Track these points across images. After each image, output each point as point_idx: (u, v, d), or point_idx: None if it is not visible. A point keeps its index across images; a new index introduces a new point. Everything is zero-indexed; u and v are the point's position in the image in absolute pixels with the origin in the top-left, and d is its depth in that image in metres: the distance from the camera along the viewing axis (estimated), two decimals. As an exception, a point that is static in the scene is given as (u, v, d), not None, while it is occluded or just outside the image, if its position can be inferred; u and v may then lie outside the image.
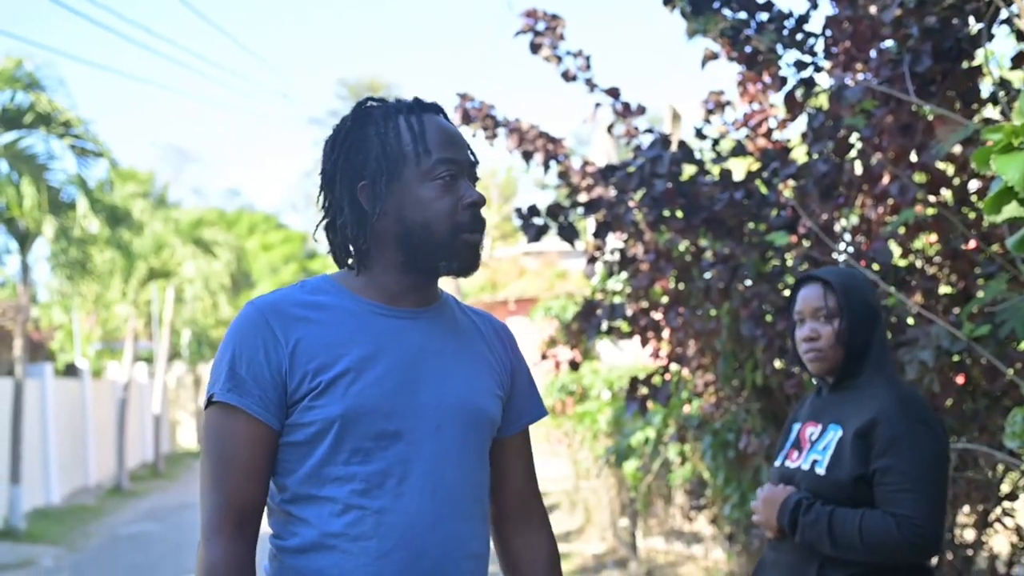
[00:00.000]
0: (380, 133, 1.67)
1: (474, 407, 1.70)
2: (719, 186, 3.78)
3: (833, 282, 2.43)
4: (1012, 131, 2.19)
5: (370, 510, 1.59)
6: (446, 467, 1.64)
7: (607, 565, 8.19)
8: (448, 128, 1.71)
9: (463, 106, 4.74)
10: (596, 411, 9.13)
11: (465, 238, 1.66)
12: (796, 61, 3.77)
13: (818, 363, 2.44)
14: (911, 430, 2.28)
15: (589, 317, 4.52)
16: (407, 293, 1.70)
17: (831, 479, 2.33)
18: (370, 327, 1.65)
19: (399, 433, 1.62)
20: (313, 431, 1.60)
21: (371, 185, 1.66)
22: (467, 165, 1.70)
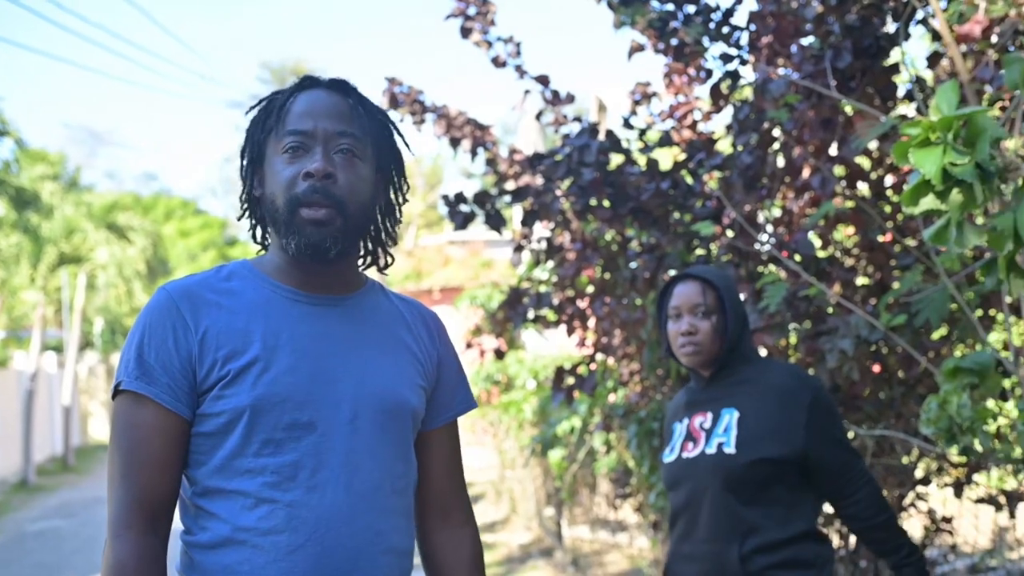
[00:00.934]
0: (261, 118, 1.65)
1: (393, 398, 1.64)
2: (646, 176, 3.82)
3: (713, 280, 2.57)
4: (930, 126, 2.26)
5: (282, 503, 1.53)
6: (362, 459, 1.58)
7: (532, 555, 8.24)
8: (319, 100, 1.61)
9: (391, 91, 4.70)
10: (521, 400, 9.16)
11: (304, 213, 1.56)
12: (722, 54, 3.82)
13: (696, 356, 2.55)
14: (817, 393, 2.50)
15: (515, 305, 4.53)
16: (316, 281, 1.63)
17: (743, 456, 2.44)
18: (283, 313, 1.60)
19: (312, 424, 1.56)
20: (223, 421, 1.54)
21: (248, 166, 1.66)
22: (325, 135, 1.58)
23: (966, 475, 3.43)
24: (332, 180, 1.57)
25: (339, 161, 1.59)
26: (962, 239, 2.31)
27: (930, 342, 3.20)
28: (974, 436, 2.54)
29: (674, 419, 2.69)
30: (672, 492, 2.60)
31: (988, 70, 2.94)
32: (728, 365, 2.57)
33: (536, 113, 4.72)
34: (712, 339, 2.54)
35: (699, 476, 2.50)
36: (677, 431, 2.64)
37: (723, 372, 2.58)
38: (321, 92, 1.64)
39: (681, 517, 2.56)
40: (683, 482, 2.55)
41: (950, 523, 3.70)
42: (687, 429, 2.59)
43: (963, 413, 2.54)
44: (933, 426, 2.59)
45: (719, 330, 2.54)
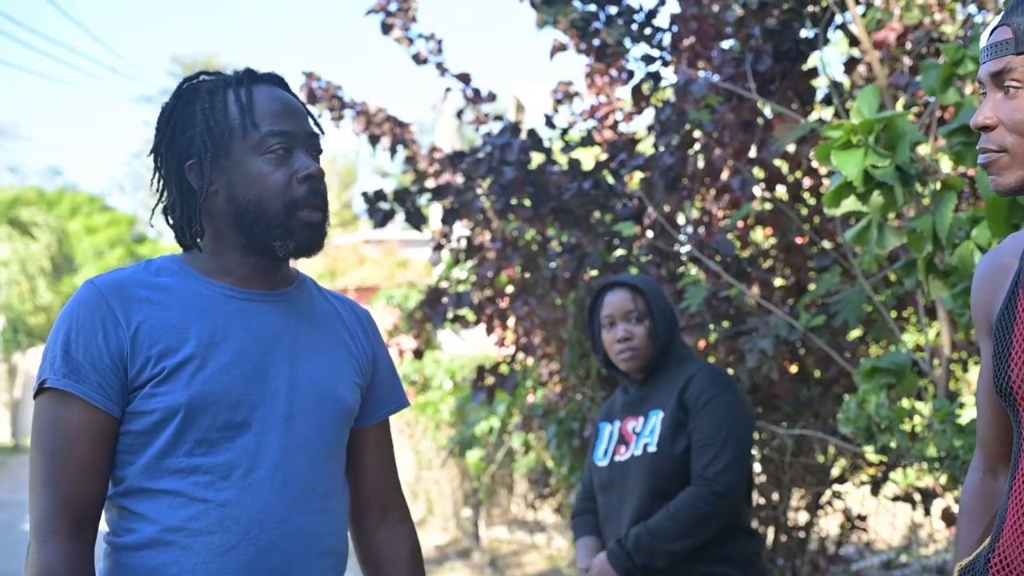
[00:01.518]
0: (205, 109, 1.58)
1: (330, 396, 1.61)
2: (567, 176, 3.81)
3: (640, 287, 2.63)
4: (851, 129, 2.29)
5: (214, 503, 1.49)
6: (297, 459, 1.55)
7: (450, 556, 8.19)
8: (283, 98, 1.61)
9: (309, 85, 4.62)
10: (439, 401, 9.11)
11: (302, 215, 1.56)
12: (644, 55, 3.83)
13: (634, 361, 2.61)
14: (717, 394, 2.52)
15: (434, 305, 4.48)
16: (256, 275, 1.60)
17: (665, 454, 2.50)
18: (218, 310, 1.56)
19: (247, 423, 1.52)
20: (154, 420, 1.50)
21: (198, 164, 1.57)
22: (304, 137, 1.59)
23: (883, 473, 3.49)
24: (321, 181, 1.59)
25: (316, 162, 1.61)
26: (883, 240, 2.35)
27: (847, 343, 3.26)
28: (891, 435, 2.59)
29: (604, 419, 2.73)
30: (604, 495, 2.64)
31: (903, 76, 3.00)
32: (660, 367, 2.62)
33: (457, 111, 4.68)
34: (647, 343, 2.59)
35: (629, 478, 2.55)
36: (606, 432, 2.68)
37: (655, 374, 2.63)
38: (279, 90, 1.62)
39: (611, 518, 2.59)
40: (615, 484, 2.59)
41: (865, 521, 3.78)
42: (619, 432, 2.63)
43: (881, 412, 2.58)
44: (852, 425, 2.63)
45: (652, 334, 2.60)
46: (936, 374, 2.76)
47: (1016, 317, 1.37)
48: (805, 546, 3.68)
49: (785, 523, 3.68)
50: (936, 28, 3.08)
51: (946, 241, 2.22)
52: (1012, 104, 1.33)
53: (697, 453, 2.48)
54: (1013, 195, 1.39)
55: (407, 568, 1.76)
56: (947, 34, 3.03)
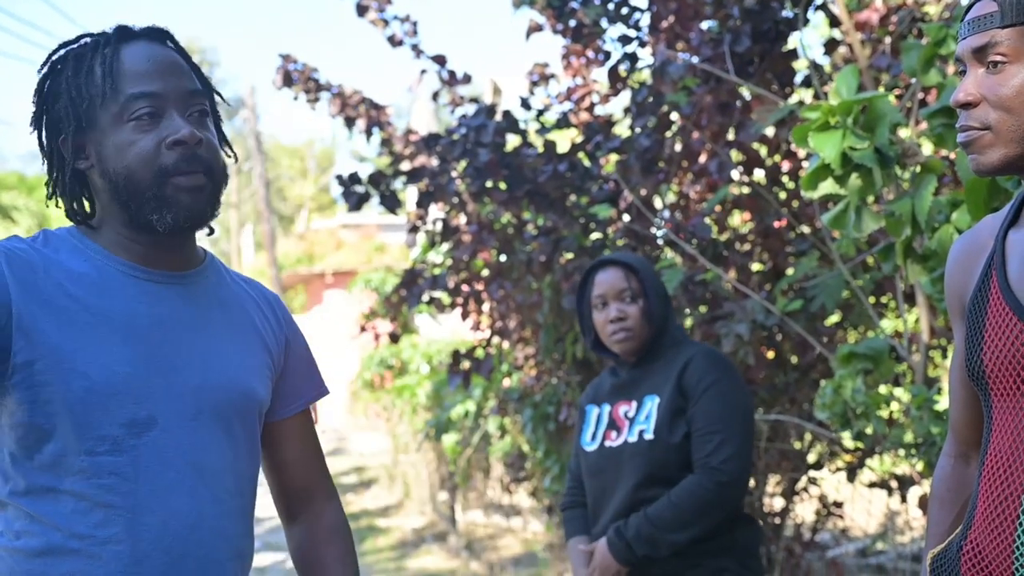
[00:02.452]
0: (69, 77, 1.42)
1: (240, 389, 1.49)
2: (543, 158, 3.77)
3: (634, 265, 2.51)
4: (829, 110, 2.25)
5: (121, 508, 1.36)
6: (207, 458, 1.44)
7: (426, 539, 8.17)
8: (154, 55, 1.43)
9: (285, 68, 4.57)
10: (415, 385, 9.07)
11: (177, 182, 1.40)
12: (620, 36, 3.78)
13: (628, 343, 2.47)
14: (719, 379, 2.41)
15: (411, 287, 4.44)
16: (154, 253, 1.46)
17: (661, 442, 2.39)
18: (121, 292, 1.42)
19: (152, 419, 1.39)
20: (50, 412, 1.35)
21: (67, 139, 1.43)
22: (178, 96, 1.42)
23: (859, 460, 3.47)
24: (199, 145, 1.42)
25: (196, 123, 1.44)
26: (860, 224, 2.32)
27: (824, 328, 3.23)
28: (868, 421, 2.56)
29: (591, 402, 2.61)
30: (592, 480, 2.52)
31: (885, 57, 2.96)
32: (654, 349, 2.50)
33: (432, 93, 4.63)
34: (641, 324, 2.47)
35: (622, 464, 2.44)
36: (593, 415, 2.57)
37: (649, 356, 2.50)
38: (148, 45, 1.45)
39: (601, 505, 2.49)
40: (606, 470, 2.48)
41: (841, 508, 3.76)
42: (610, 416, 2.52)
43: (857, 398, 2.55)
44: (828, 411, 2.60)
45: (646, 314, 2.47)
46: (914, 360, 2.74)
47: (989, 299, 1.34)
48: (780, 532, 3.66)
49: (760, 509, 3.66)
50: (919, 8, 3.04)
51: (925, 225, 2.18)
52: (996, 79, 1.29)
53: (699, 440, 2.36)
54: (994, 175, 1.35)
55: (338, 552, 1.64)
56: (930, 14, 2.99)
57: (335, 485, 1.72)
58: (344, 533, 1.67)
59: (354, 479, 12.35)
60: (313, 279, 20.41)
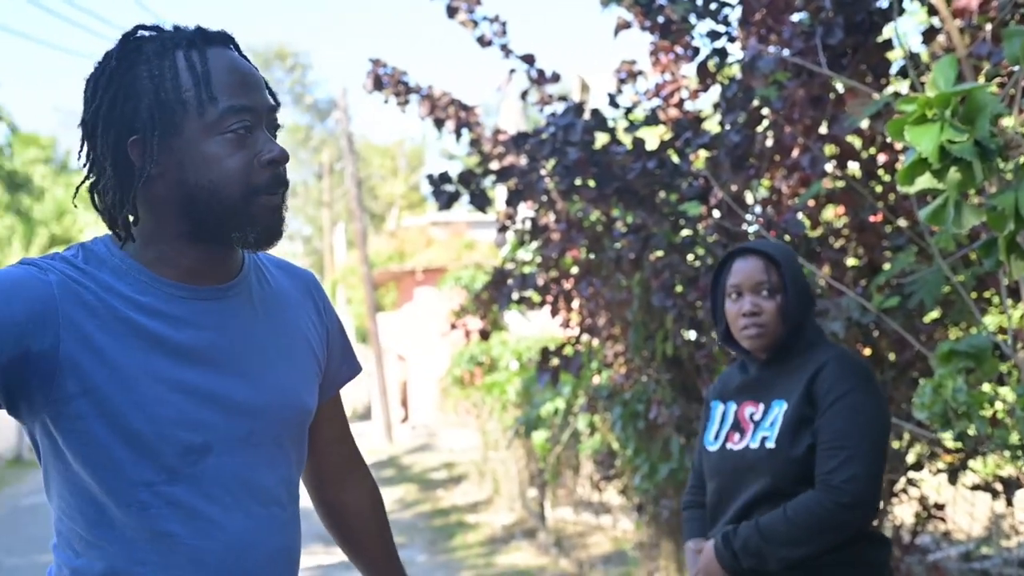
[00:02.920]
0: (154, 75, 1.34)
1: (292, 404, 1.47)
2: (632, 155, 3.74)
3: (776, 256, 2.34)
4: (926, 102, 2.19)
5: (182, 536, 1.35)
6: (261, 476, 1.42)
7: (515, 536, 8.20)
8: (240, 66, 1.38)
9: (375, 72, 4.64)
10: (505, 382, 9.12)
11: (264, 201, 1.37)
12: (709, 31, 3.74)
13: (760, 339, 2.33)
14: (852, 389, 2.24)
15: (500, 286, 4.46)
16: (203, 267, 1.40)
17: (782, 453, 2.25)
18: (168, 315, 1.37)
19: (208, 445, 1.36)
20: (105, 445, 1.32)
21: (143, 140, 1.34)
22: (264, 112, 1.39)
23: (961, 461, 3.38)
24: (285, 165, 1.40)
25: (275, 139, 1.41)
26: (960, 219, 2.25)
27: (923, 325, 3.14)
28: (970, 421, 2.49)
29: (717, 397, 2.48)
30: (712, 482, 2.42)
31: (985, 45, 2.87)
32: (788, 349, 2.34)
33: (521, 93, 4.65)
34: (776, 321, 2.31)
35: (741, 471, 2.32)
36: (718, 413, 2.44)
37: (783, 356, 2.35)
38: (229, 52, 1.39)
39: (719, 510, 2.39)
40: (725, 474, 2.36)
41: (943, 510, 3.66)
42: (735, 417, 2.39)
43: (958, 398, 2.48)
44: (927, 411, 2.53)
45: (783, 311, 2.32)
46: (1020, 357, 2.65)
47: None
48: (878, 534, 3.58)
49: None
50: (1020, -6, 2.94)
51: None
52: None
53: (824, 455, 2.20)
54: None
55: (376, 523, 1.71)
56: (1032, 0, 2.89)
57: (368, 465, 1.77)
58: (382, 512, 1.73)
59: (444, 475, 12.47)
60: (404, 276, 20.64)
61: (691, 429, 4.26)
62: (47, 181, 21.05)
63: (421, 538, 8.51)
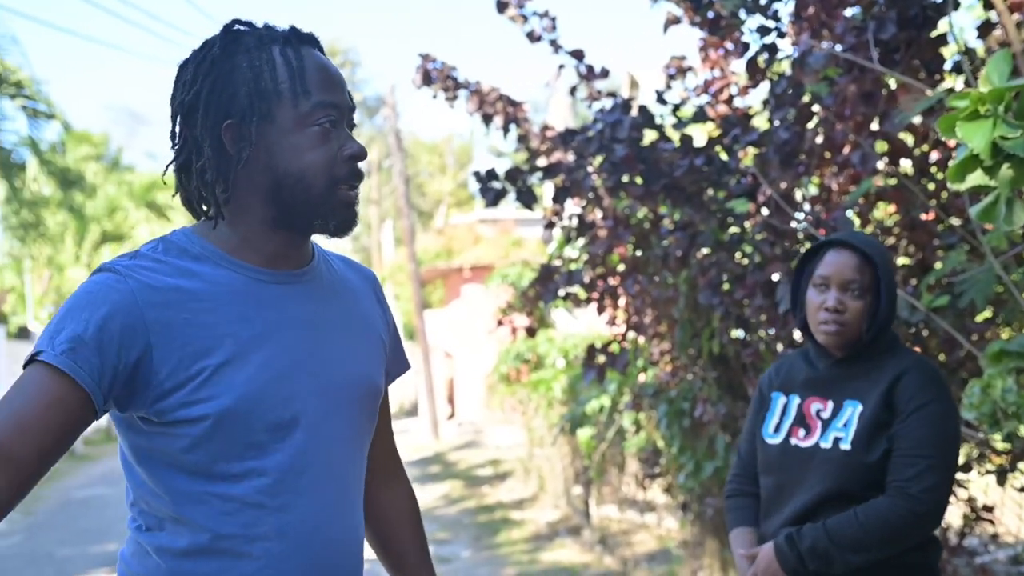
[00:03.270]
0: (254, 65, 1.43)
1: (366, 383, 1.55)
2: (679, 152, 3.74)
3: (872, 255, 2.29)
4: (978, 98, 2.16)
5: (270, 508, 1.42)
6: (340, 453, 1.50)
7: (560, 533, 8.21)
8: (328, 66, 1.49)
9: (424, 67, 4.66)
10: (551, 379, 9.13)
11: (343, 194, 1.46)
12: (759, 27, 3.72)
13: (837, 336, 2.29)
14: (933, 399, 2.23)
15: (546, 282, 4.47)
16: (283, 252, 1.49)
17: (857, 456, 2.23)
18: (253, 298, 1.44)
19: (295, 420, 1.44)
20: (199, 428, 1.38)
21: (238, 125, 1.43)
22: (347, 110, 1.49)
23: (1010, 462, 3.33)
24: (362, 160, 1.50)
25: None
26: (1011, 217, 2.22)
27: (974, 324, 3.10)
28: (1019, 422, 2.45)
29: (779, 389, 2.43)
30: (769, 476, 2.39)
31: (1041, 41, 2.82)
32: (865, 352, 2.31)
33: (570, 88, 4.65)
34: (859, 322, 2.28)
35: (808, 468, 2.29)
36: (779, 405, 2.40)
37: (857, 357, 2.32)
38: (318, 52, 1.50)
39: (776, 505, 2.36)
40: (788, 469, 2.33)
41: (991, 512, 3.61)
42: (799, 411, 2.35)
43: (1008, 398, 2.45)
44: (976, 411, 2.50)
45: (870, 313, 2.28)
46: (1071, 358, 2.60)
47: None
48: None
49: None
50: (1077, -10, 2.88)
51: (1083, 217, 2.08)
52: None
53: (901, 463, 2.18)
54: None
55: (411, 524, 1.77)
56: (1090, -5, 2.84)
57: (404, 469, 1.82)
58: (419, 520, 1.77)
59: (489, 472, 12.51)
60: (451, 274, 20.72)
61: (736, 427, 4.24)
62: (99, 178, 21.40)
63: (466, 534, 8.55)
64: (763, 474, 2.42)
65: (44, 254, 18.19)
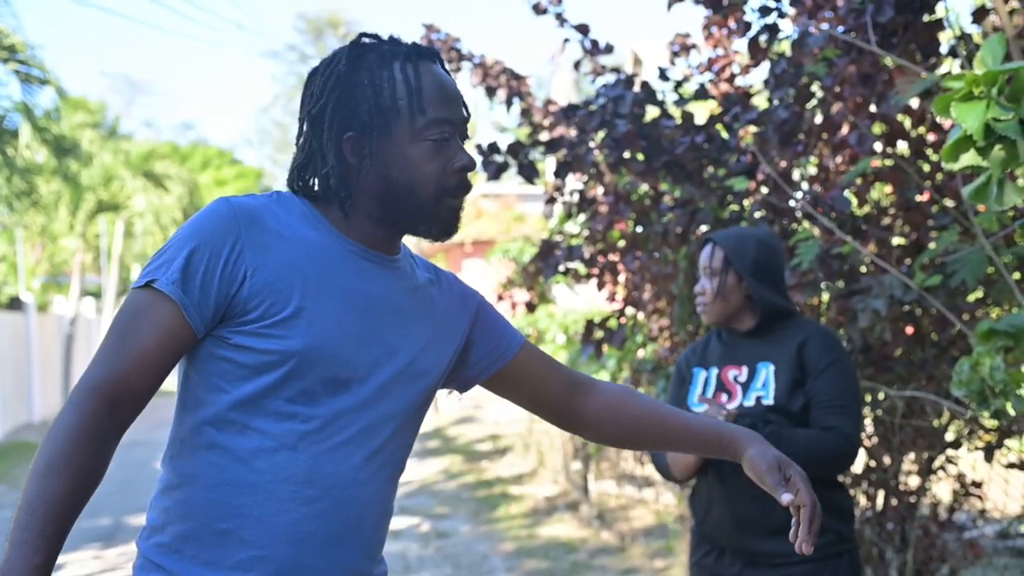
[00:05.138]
0: (375, 83, 1.54)
1: (422, 372, 1.64)
2: (680, 129, 3.77)
3: (719, 241, 2.65)
4: (973, 80, 2.20)
5: (304, 454, 1.50)
6: (385, 427, 1.58)
7: (558, 508, 8.28)
8: (445, 82, 1.58)
9: (428, 38, 4.67)
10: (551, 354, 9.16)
11: (449, 203, 1.58)
12: (761, 7, 3.75)
13: (705, 315, 2.67)
14: (838, 359, 2.57)
15: (547, 257, 4.51)
16: (379, 241, 1.61)
17: (781, 408, 2.52)
18: (341, 264, 1.56)
19: (349, 382, 1.53)
20: (263, 359, 1.48)
21: (359, 138, 1.54)
22: (460, 124, 1.59)
23: (997, 439, 3.39)
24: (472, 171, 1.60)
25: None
26: (1002, 197, 2.27)
27: (965, 304, 3.15)
28: (1006, 400, 2.51)
29: (697, 364, 2.73)
30: None
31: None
32: (768, 324, 2.63)
33: (574, 63, 4.67)
34: (714, 299, 2.63)
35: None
36: (701, 378, 2.69)
37: (761, 330, 2.64)
38: (440, 69, 1.60)
39: (713, 465, 2.59)
40: None
41: (980, 487, 3.67)
42: (718, 379, 2.65)
43: (996, 376, 2.50)
44: (964, 388, 2.55)
45: (721, 291, 2.62)
46: (1059, 338, 2.65)
47: None
48: (915, 511, 3.60)
49: (896, 487, 3.61)
50: (1074, -25, 2.92)
51: (1072, 199, 2.12)
52: None
53: (826, 410, 2.51)
54: None
55: (632, 398, 1.80)
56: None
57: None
58: (634, 393, 1.81)
59: (489, 447, 12.59)
60: (452, 248, 20.73)
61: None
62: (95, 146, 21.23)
63: (465, 509, 8.63)
64: None
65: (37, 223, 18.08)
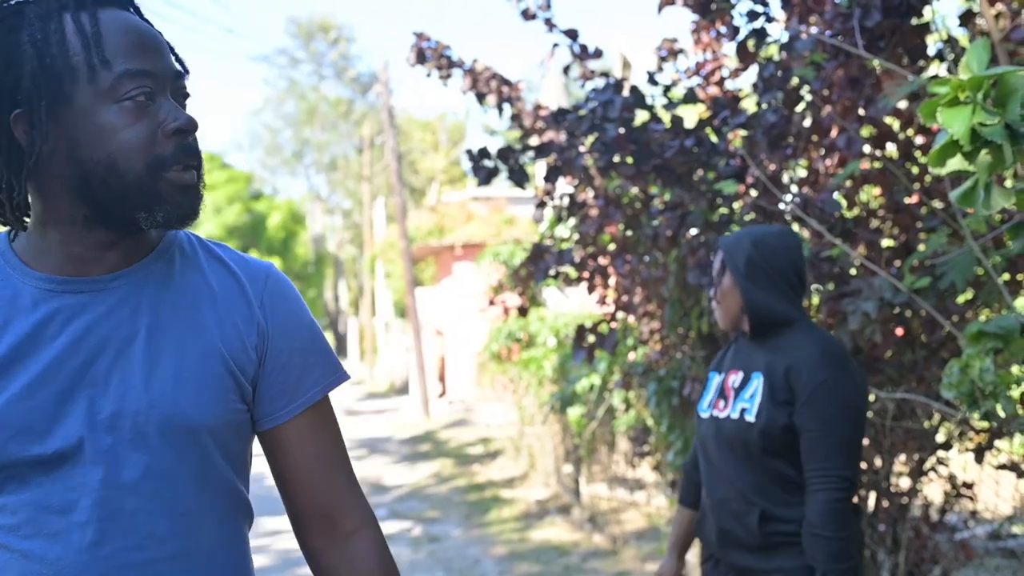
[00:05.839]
0: (36, 40, 1.19)
1: (168, 411, 1.24)
2: (670, 133, 3.78)
3: (720, 243, 2.61)
4: (959, 85, 2.21)
5: (17, 552, 1.20)
6: (124, 497, 1.22)
7: (550, 511, 8.29)
8: (138, 27, 1.24)
9: (419, 45, 4.69)
10: (542, 358, 9.19)
11: (171, 177, 1.23)
12: (749, 11, 3.76)
13: (716, 318, 2.62)
14: (829, 377, 2.36)
15: (537, 261, 4.52)
16: (95, 254, 1.26)
17: (760, 427, 2.39)
18: (30, 313, 1.23)
19: (62, 456, 1.20)
20: None
21: (27, 114, 1.20)
22: (168, 77, 1.24)
23: (988, 441, 3.41)
24: (194, 135, 1.24)
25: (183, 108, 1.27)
26: (989, 201, 2.28)
27: (955, 306, 3.17)
28: (996, 401, 2.52)
29: (714, 369, 2.68)
30: (702, 449, 2.61)
31: (1022, 31, 2.88)
32: (771, 328, 2.51)
33: (564, 67, 4.69)
34: (719, 303, 2.58)
35: (721, 439, 2.49)
36: (714, 383, 2.64)
37: (765, 333, 2.53)
38: (124, 12, 1.25)
39: (709, 478, 2.57)
40: (709, 440, 2.55)
41: (971, 489, 3.69)
42: (721, 385, 2.59)
43: (985, 378, 2.51)
44: (955, 390, 2.56)
45: (720, 295, 2.57)
46: (1047, 339, 2.67)
47: None
48: (907, 512, 3.62)
49: (887, 489, 3.62)
50: (1059, -21, 2.94)
51: (1059, 202, 2.14)
52: None
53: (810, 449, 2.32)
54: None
55: None
56: (1070, -15, 2.89)
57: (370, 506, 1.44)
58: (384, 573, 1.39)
59: (480, 450, 12.59)
60: (443, 251, 20.75)
61: (724, 406, 4.30)
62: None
63: (456, 512, 8.63)
64: (698, 448, 2.64)
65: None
